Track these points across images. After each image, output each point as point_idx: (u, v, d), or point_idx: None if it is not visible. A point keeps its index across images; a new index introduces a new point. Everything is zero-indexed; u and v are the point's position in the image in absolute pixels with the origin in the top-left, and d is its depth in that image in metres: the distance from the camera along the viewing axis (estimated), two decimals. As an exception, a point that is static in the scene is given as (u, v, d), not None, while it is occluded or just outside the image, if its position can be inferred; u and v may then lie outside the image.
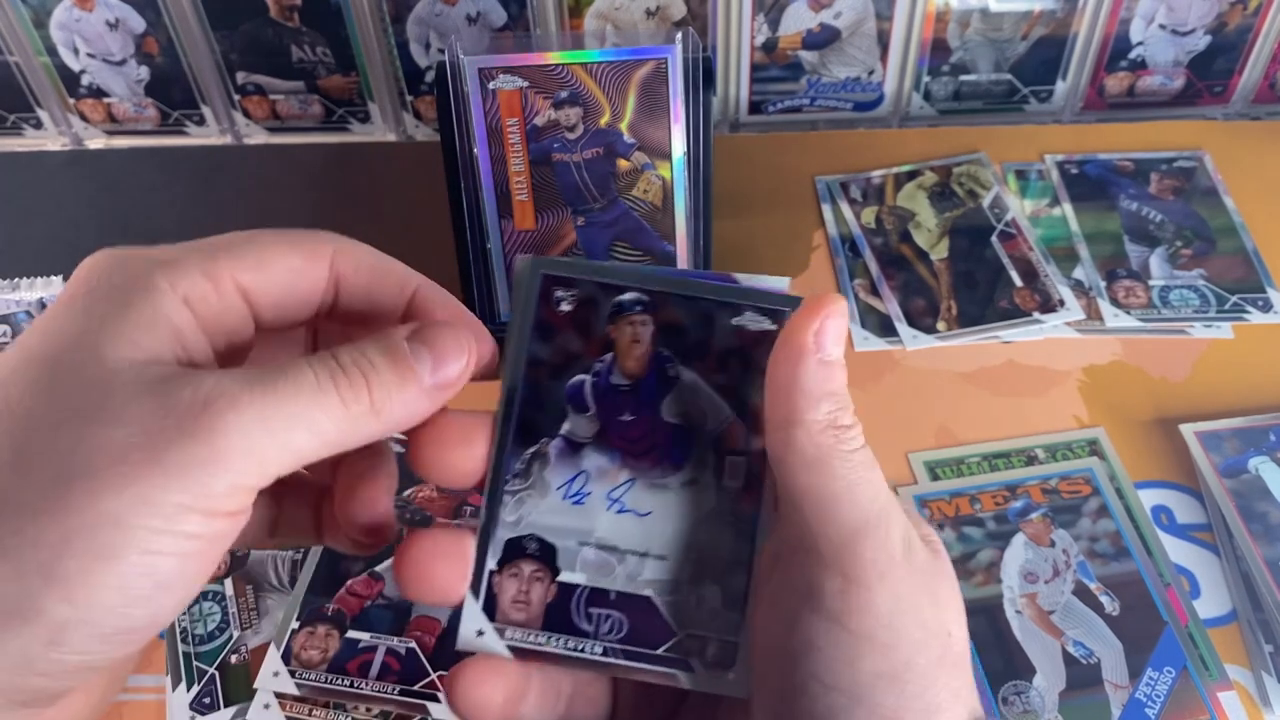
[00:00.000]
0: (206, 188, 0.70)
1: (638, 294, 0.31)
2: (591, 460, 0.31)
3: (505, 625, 0.30)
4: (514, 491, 0.31)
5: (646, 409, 0.31)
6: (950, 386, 0.57)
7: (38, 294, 0.56)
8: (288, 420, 0.25)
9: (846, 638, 0.26)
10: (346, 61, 0.70)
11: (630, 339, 0.31)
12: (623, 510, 0.31)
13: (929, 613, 0.27)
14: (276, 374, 0.25)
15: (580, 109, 0.49)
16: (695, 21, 0.69)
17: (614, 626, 0.30)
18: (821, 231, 0.65)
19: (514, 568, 0.31)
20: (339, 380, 0.26)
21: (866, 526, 0.27)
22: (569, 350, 0.31)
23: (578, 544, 0.31)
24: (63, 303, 0.25)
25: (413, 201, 0.67)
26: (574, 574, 0.31)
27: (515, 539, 0.31)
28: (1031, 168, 0.68)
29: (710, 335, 0.31)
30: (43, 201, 0.69)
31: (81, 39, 0.70)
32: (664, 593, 0.30)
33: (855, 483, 0.27)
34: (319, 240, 0.29)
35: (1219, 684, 0.45)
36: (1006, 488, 0.52)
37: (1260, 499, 0.50)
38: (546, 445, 0.31)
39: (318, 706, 0.45)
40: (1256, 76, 0.72)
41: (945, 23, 0.69)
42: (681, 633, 0.30)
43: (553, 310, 0.31)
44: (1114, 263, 0.62)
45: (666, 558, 0.31)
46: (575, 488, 0.31)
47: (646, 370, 0.31)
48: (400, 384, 0.27)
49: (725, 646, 0.30)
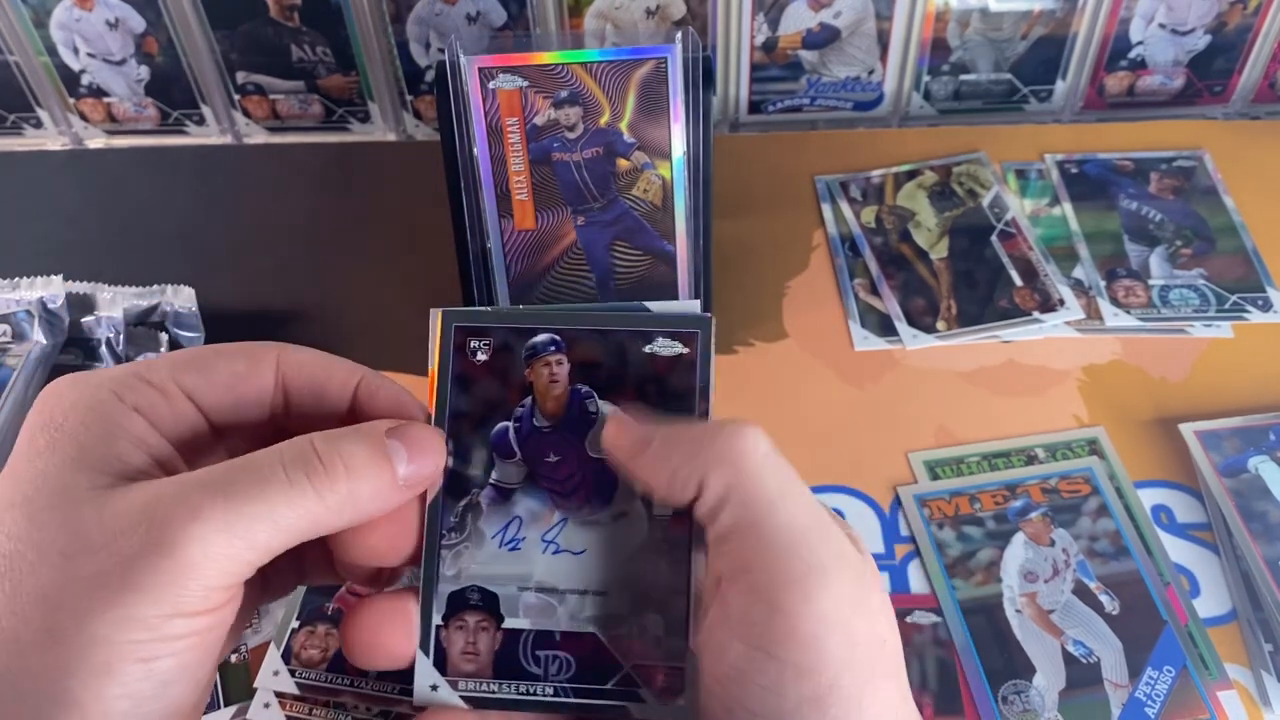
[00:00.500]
0: (206, 188, 0.70)
1: (550, 335, 0.32)
2: (523, 505, 0.31)
3: (457, 677, 0.31)
4: (451, 545, 0.31)
5: (570, 448, 0.32)
6: (950, 386, 0.57)
7: (38, 294, 0.56)
8: (251, 521, 0.26)
9: (773, 665, 0.27)
10: (346, 61, 0.70)
11: (548, 380, 0.32)
12: (558, 551, 0.31)
13: (860, 626, 0.27)
14: (241, 472, 0.26)
15: (580, 109, 0.49)
16: (695, 21, 0.69)
17: (562, 666, 0.31)
18: (821, 231, 0.65)
19: (459, 620, 0.31)
20: (313, 471, 0.27)
21: (791, 546, 0.27)
22: (490, 399, 0.32)
23: (518, 589, 0.31)
24: (26, 442, 0.27)
25: (413, 201, 0.67)
26: (518, 619, 0.31)
27: (457, 592, 0.31)
28: (1031, 167, 0.68)
29: (625, 366, 0.32)
30: (43, 201, 0.69)
31: (81, 39, 0.70)
32: (607, 628, 0.31)
33: (773, 501, 0.28)
34: (263, 347, 0.31)
35: (1219, 683, 0.45)
36: (1006, 487, 0.52)
37: (1260, 498, 0.50)
38: (478, 495, 0.31)
39: (318, 706, 0.45)
40: (1256, 76, 0.72)
41: (945, 22, 0.69)
42: (628, 665, 0.31)
43: (469, 361, 0.32)
44: (1114, 262, 0.62)
45: (606, 593, 0.31)
46: (510, 534, 0.31)
47: (566, 409, 0.32)
48: (377, 474, 0.28)
49: (672, 673, 0.31)
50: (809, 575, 0.27)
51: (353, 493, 0.27)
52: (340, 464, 0.27)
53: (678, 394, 0.31)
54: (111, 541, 0.25)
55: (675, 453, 0.29)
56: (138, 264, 0.64)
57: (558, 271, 0.52)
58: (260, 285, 0.63)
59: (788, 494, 0.28)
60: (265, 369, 0.30)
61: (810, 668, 0.26)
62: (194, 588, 0.25)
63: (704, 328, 0.31)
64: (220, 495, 0.26)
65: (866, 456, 0.54)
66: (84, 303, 0.56)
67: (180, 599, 0.25)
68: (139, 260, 0.65)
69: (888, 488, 0.52)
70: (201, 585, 0.25)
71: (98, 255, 0.65)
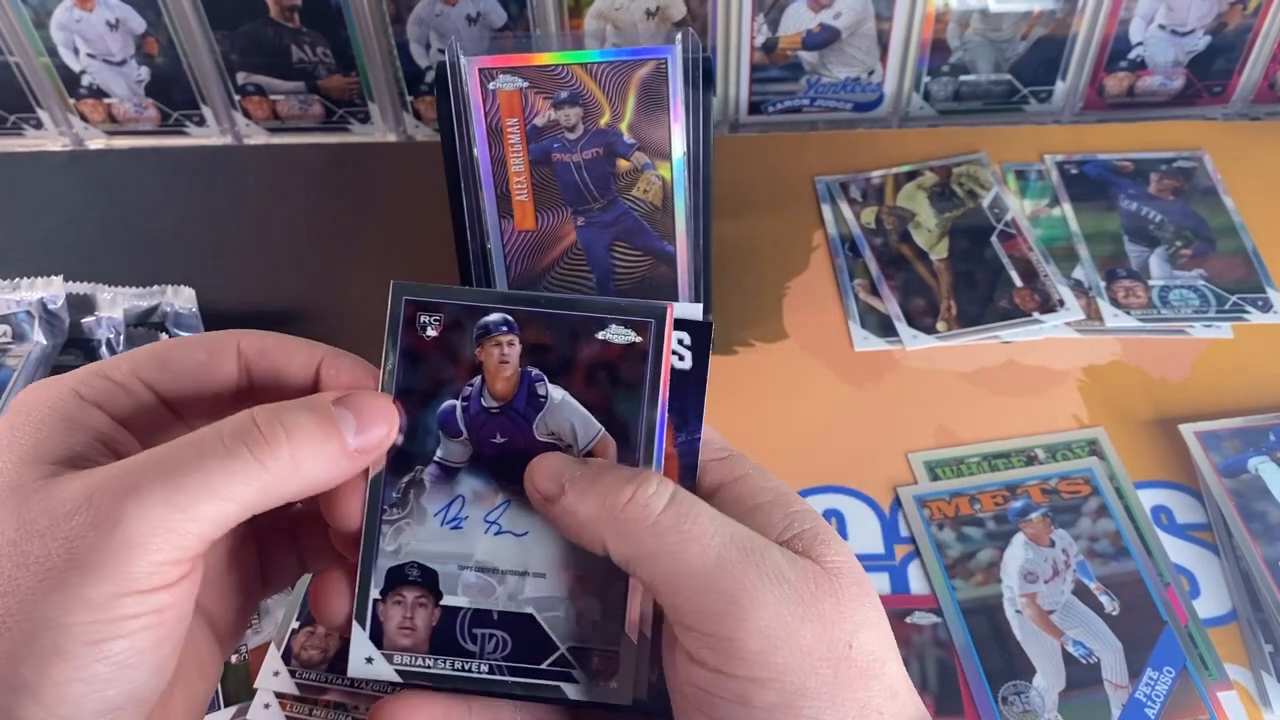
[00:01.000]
0: (206, 188, 0.70)
1: (503, 314, 0.31)
2: (467, 484, 0.31)
3: (393, 651, 0.31)
4: (392, 521, 0.31)
5: (518, 430, 0.31)
6: (950, 386, 0.57)
7: (38, 294, 0.56)
8: (192, 494, 0.26)
9: (732, 683, 0.27)
10: (346, 62, 0.70)
11: (498, 360, 0.31)
12: (500, 532, 0.31)
13: (809, 635, 0.27)
14: (182, 447, 0.27)
15: (580, 109, 0.49)
16: (695, 21, 0.69)
17: (498, 645, 0.31)
18: (821, 231, 0.65)
19: (397, 595, 0.31)
20: (253, 441, 0.27)
21: (709, 585, 0.27)
22: (438, 376, 0.31)
23: (458, 568, 0.31)
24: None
25: (413, 201, 0.67)
26: (456, 597, 0.31)
27: (397, 567, 0.31)
28: (1031, 168, 0.68)
29: (577, 351, 0.31)
30: (43, 201, 0.69)
31: (82, 39, 0.70)
32: (545, 609, 0.31)
33: (675, 550, 0.28)
34: (222, 335, 0.31)
35: (1219, 684, 0.45)
36: (1006, 488, 0.52)
37: (1260, 499, 0.50)
38: (421, 473, 0.31)
39: (318, 706, 0.45)
40: (1256, 76, 0.72)
41: (945, 23, 0.69)
42: (564, 646, 0.31)
43: (419, 336, 0.31)
44: (1114, 263, 0.62)
45: (545, 575, 0.31)
46: (452, 513, 0.31)
47: (515, 391, 0.31)
48: (323, 441, 0.28)
49: (607, 656, 0.31)
50: (735, 602, 0.27)
51: (297, 459, 0.27)
52: (281, 431, 0.27)
53: (628, 383, 0.31)
54: (55, 525, 0.25)
55: (580, 510, 0.29)
56: (138, 264, 0.64)
57: (558, 272, 0.52)
58: (260, 285, 0.63)
59: (691, 540, 0.28)
60: (226, 357, 0.31)
61: (769, 678, 0.27)
62: (140, 564, 0.25)
63: (658, 317, 0.31)
64: (158, 471, 0.26)
65: (866, 457, 0.54)
66: (84, 303, 0.56)
67: (127, 577, 0.25)
68: (139, 260, 0.65)
69: (888, 488, 0.52)
70: (148, 561, 0.25)
71: (98, 255, 0.65)
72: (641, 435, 0.31)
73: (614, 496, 0.29)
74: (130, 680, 0.26)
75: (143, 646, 0.26)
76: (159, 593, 0.26)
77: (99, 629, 0.25)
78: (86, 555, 0.25)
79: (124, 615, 0.25)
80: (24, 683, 0.24)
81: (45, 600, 0.24)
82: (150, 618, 0.26)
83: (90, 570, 0.25)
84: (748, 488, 0.31)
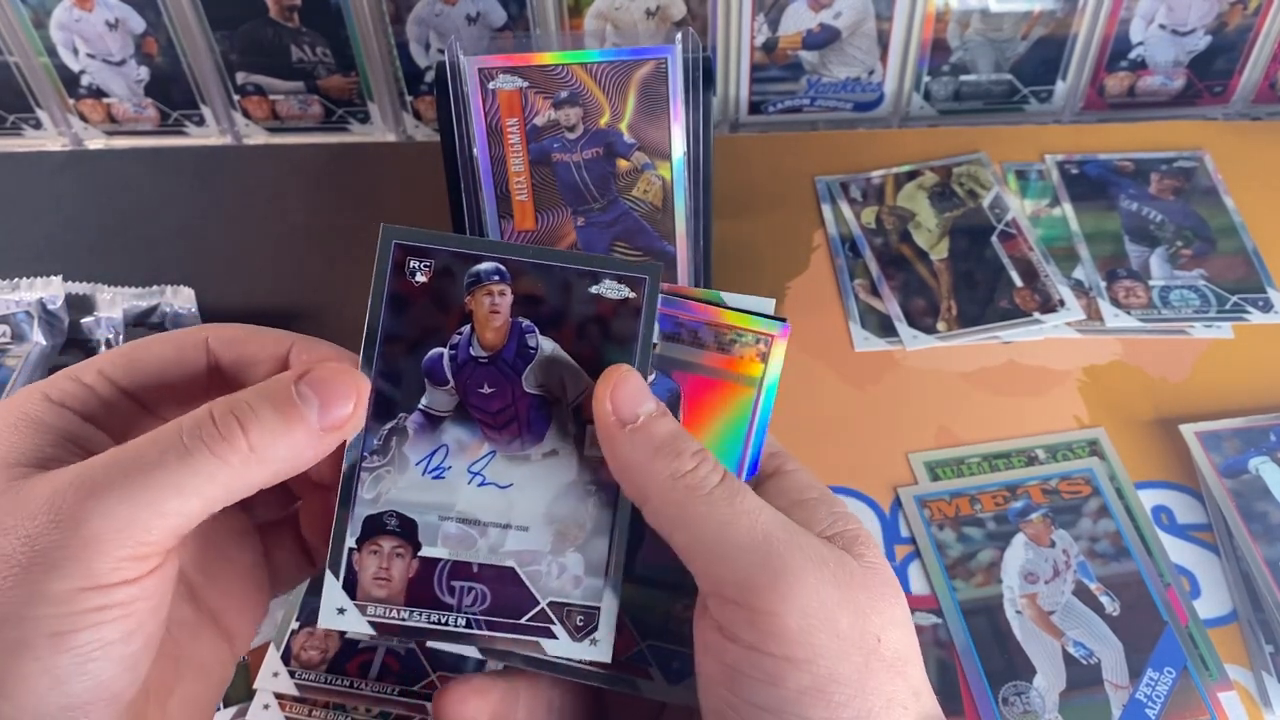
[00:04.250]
0: (206, 188, 0.70)
1: (495, 263, 0.31)
2: (451, 434, 0.31)
3: (367, 602, 0.31)
4: (372, 468, 0.31)
5: (506, 381, 0.31)
6: (950, 386, 0.56)
7: (37, 294, 0.56)
8: (154, 491, 0.26)
9: (767, 660, 0.27)
10: (346, 61, 0.70)
11: (489, 310, 0.31)
12: (484, 483, 0.31)
13: (845, 622, 0.27)
14: (144, 445, 0.27)
15: (580, 109, 0.49)
16: (695, 21, 0.69)
17: (477, 598, 0.31)
18: (821, 231, 0.65)
19: (373, 544, 0.31)
20: (208, 435, 0.27)
21: (754, 558, 0.28)
22: (425, 323, 0.31)
23: (439, 518, 0.31)
24: None
25: (413, 201, 0.67)
26: (436, 548, 0.31)
27: (374, 515, 0.31)
28: (1031, 168, 0.68)
29: (569, 304, 0.31)
30: (43, 201, 0.69)
31: (81, 39, 0.70)
32: (527, 563, 0.31)
33: (725, 522, 0.28)
34: (190, 331, 0.31)
35: (1219, 684, 0.45)
36: (1006, 488, 0.52)
37: (1260, 499, 0.50)
38: (404, 420, 0.31)
39: (317, 707, 0.45)
40: (1256, 76, 0.72)
41: (945, 23, 0.69)
42: (544, 601, 0.31)
43: (408, 282, 0.31)
44: (1114, 263, 0.62)
45: (529, 528, 0.31)
46: (435, 462, 0.31)
47: (506, 341, 0.31)
48: (285, 427, 0.28)
49: (588, 613, 0.31)
50: (781, 578, 0.27)
51: (258, 450, 0.27)
52: (235, 425, 0.27)
53: (620, 339, 0.31)
54: (19, 524, 0.25)
55: (639, 452, 0.29)
56: (138, 264, 0.64)
57: (558, 272, 0.52)
58: (260, 285, 0.63)
59: (741, 515, 0.28)
60: (194, 352, 0.31)
61: (804, 659, 0.27)
62: (103, 561, 0.25)
63: (652, 275, 0.31)
64: (119, 469, 0.26)
65: (867, 457, 0.54)
66: (84, 303, 0.56)
67: (90, 572, 0.25)
68: (139, 260, 0.65)
69: (888, 489, 0.52)
70: (111, 558, 0.25)
71: (98, 255, 0.65)
72: None
73: (680, 460, 0.29)
74: (96, 673, 0.26)
75: (108, 639, 0.26)
76: (123, 587, 0.26)
77: (61, 621, 0.25)
78: (50, 552, 0.25)
79: (86, 608, 0.25)
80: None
81: (7, 595, 0.25)
82: (115, 610, 0.26)
83: (53, 566, 0.25)
84: (794, 483, 0.32)
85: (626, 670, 0.32)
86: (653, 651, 0.32)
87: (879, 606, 0.28)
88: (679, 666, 0.32)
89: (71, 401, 0.29)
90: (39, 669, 0.25)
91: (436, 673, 0.46)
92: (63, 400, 0.29)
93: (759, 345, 0.31)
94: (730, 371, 0.32)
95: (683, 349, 0.32)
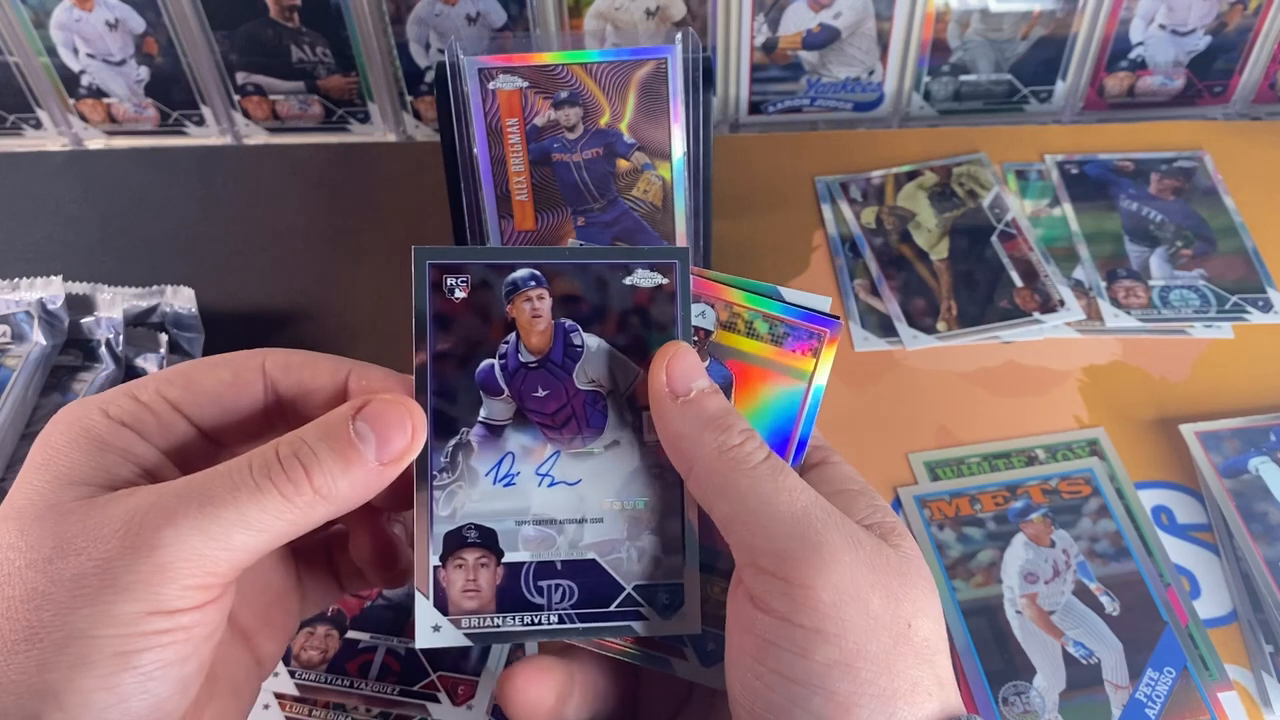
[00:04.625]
0: (206, 188, 0.70)
1: (530, 269, 0.32)
2: (514, 441, 0.32)
3: (460, 615, 0.31)
4: (443, 485, 0.31)
5: (558, 381, 0.32)
6: (950, 386, 0.57)
7: (37, 294, 0.56)
8: (225, 525, 0.27)
9: (798, 632, 0.28)
10: (346, 62, 0.70)
11: (530, 315, 0.32)
12: (553, 483, 0.32)
13: (877, 602, 0.28)
14: (216, 478, 0.27)
15: (580, 109, 0.49)
16: (695, 21, 0.69)
17: (565, 594, 0.31)
18: (821, 232, 0.65)
19: (457, 559, 0.31)
20: (276, 476, 0.27)
21: (793, 531, 0.28)
22: (472, 337, 0.32)
23: (516, 523, 0.31)
24: (28, 461, 0.29)
25: (413, 201, 0.67)
26: (518, 553, 0.31)
27: (453, 531, 0.31)
28: (1031, 168, 0.68)
29: (607, 298, 0.32)
30: (43, 202, 0.69)
31: (81, 39, 0.70)
32: (607, 553, 0.32)
33: (767, 495, 0.29)
34: (248, 355, 0.32)
35: (1219, 684, 0.45)
36: (1006, 488, 0.52)
37: (1260, 499, 0.50)
38: (467, 434, 0.32)
39: (317, 707, 0.45)
40: (1256, 76, 0.72)
41: (945, 23, 0.69)
42: (629, 586, 0.32)
43: (447, 300, 0.32)
44: (1114, 263, 0.62)
45: (603, 519, 0.32)
46: (503, 470, 0.32)
47: (551, 343, 0.32)
48: (345, 466, 0.28)
49: (672, 590, 0.32)
50: (818, 552, 0.28)
51: (321, 491, 0.28)
52: (299, 467, 0.28)
53: (660, 325, 0.32)
54: (92, 545, 0.26)
55: (690, 424, 0.30)
56: (138, 264, 0.64)
57: (558, 272, 0.52)
58: (260, 285, 0.63)
59: (783, 490, 0.29)
60: (251, 376, 0.31)
61: (834, 633, 0.27)
62: (171, 587, 0.26)
63: (681, 258, 0.32)
64: (194, 501, 0.27)
65: (866, 457, 0.54)
66: (84, 303, 0.56)
67: (158, 597, 0.26)
68: (139, 260, 0.65)
69: (888, 488, 0.52)
70: (179, 585, 0.26)
71: (98, 255, 0.65)
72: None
73: (727, 434, 0.30)
74: (155, 693, 0.26)
75: (168, 660, 0.26)
76: (187, 613, 0.27)
77: (126, 642, 0.26)
78: (121, 576, 0.26)
79: (151, 631, 0.26)
80: (50, 689, 0.25)
81: (77, 614, 0.25)
82: (177, 634, 0.27)
83: (122, 590, 0.26)
84: (838, 474, 0.32)
85: (662, 650, 0.33)
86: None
87: (911, 594, 0.29)
88: (714, 649, 0.32)
89: (129, 419, 0.30)
90: (100, 685, 0.25)
91: (436, 673, 0.46)
92: (121, 418, 0.30)
93: (811, 340, 0.33)
94: (782, 363, 0.33)
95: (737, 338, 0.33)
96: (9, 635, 0.26)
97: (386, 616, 0.48)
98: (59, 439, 0.29)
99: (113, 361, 0.54)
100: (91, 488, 0.28)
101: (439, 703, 0.45)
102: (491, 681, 0.45)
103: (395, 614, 0.48)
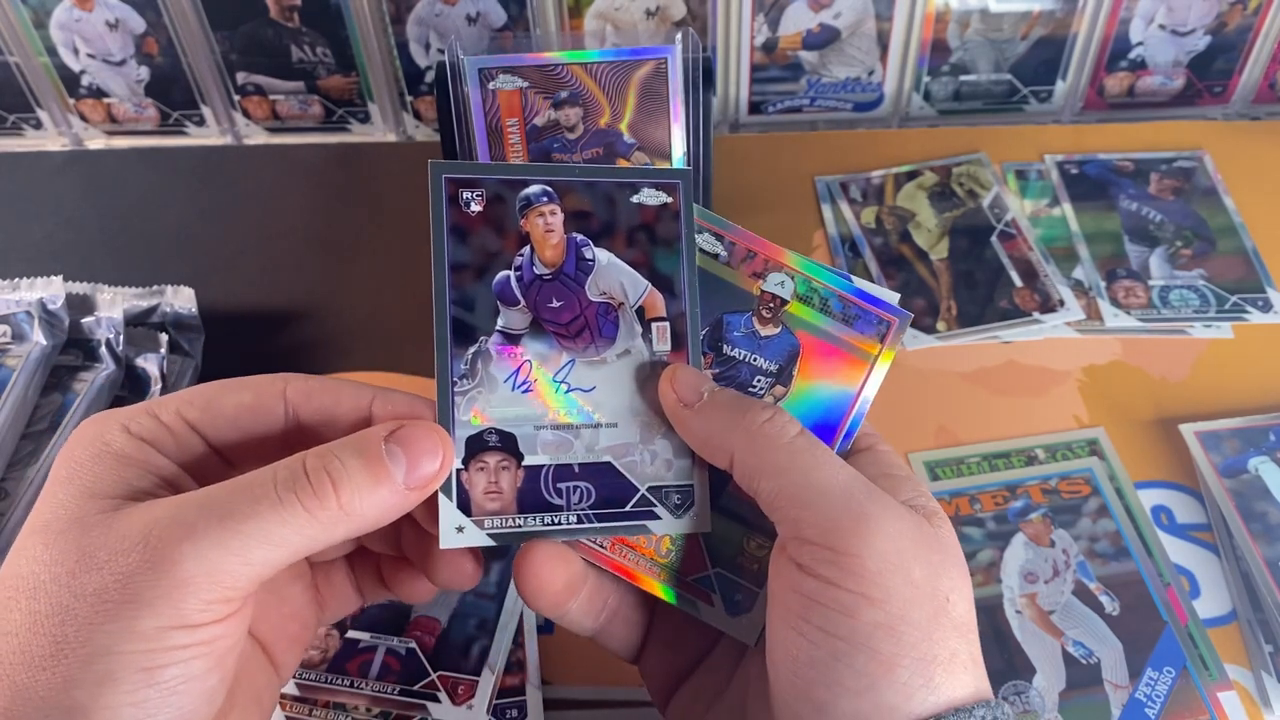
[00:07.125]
0: (206, 188, 0.70)
1: (542, 185, 0.33)
2: (531, 349, 0.33)
3: (483, 516, 0.32)
4: (464, 392, 0.32)
5: (571, 293, 0.33)
6: (950, 386, 0.57)
7: (38, 294, 0.56)
8: (245, 539, 0.27)
9: (845, 595, 0.28)
10: (346, 62, 0.70)
11: (544, 229, 0.33)
12: (570, 389, 0.33)
13: (919, 573, 0.29)
14: (237, 491, 0.27)
15: (580, 109, 0.49)
16: (695, 21, 0.69)
17: (583, 495, 0.33)
18: (821, 231, 0.65)
19: (479, 462, 0.32)
20: (301, 490, 0.28)
21: (836, 502, 0.29)
22: (488, 248, 0.33)
23: (534, 428, 0.33)
24: (52, 475, 0.29)
25: (413, 201, 0.67)
26: (537, 456, 0.33)
27: (475, 435, 0.32)
28: (1031, 168, 0.68)
29: (615, 215, 0.33)
30: (43, 201, 0.69)
31: (81, 39, 0.70)
32: (621, 455, 0.33)
33: (807, 469, 0.30)
34: (269, 380, 0.32)
35: (1219, 684, 0.45)
36: (1006, 488, 0.52)
37: (1260, 499, 0.50)
38: (485, 343, 0.33)
39: (318, 706, 0.45)
40: (1256, 76, 0.72)
41: (945, 23, 0.69)
42: (643, 487, 0.33)
43: (463, 213, 0.33)
44: (1114, 263, 0.62)
45: (617, 424, 0.33)
46: (521, 377, 0.33)
47: (564, 256, 0.33)
48: (373, 485, 0.29)
49: (683, 491, 0.33)
50: (864, 522, 0.29)
51: (346, 508, 0.28)
52: (328, 482, 0.28)
53: (666, 240, 0.33)
54: (113, 559, 0.26)
55: (713, 421, 0.31)
56: (138, 264, 0.64)
57: (558, 272, 0.52)
58: (260, 285, 0.63)
59: (823, 464, 0.30)
60: (272, 402, 0.31)
61: (879, 598, 0.28)
62: (192, 602, 0.26)
63: (685, 179, 0.34)
64: (215, 514, 0.27)
65: (866, 457, 0.54)
66: (84, 303, 0.56)
67: (179, 612, 0.26)
68: (139, 260, 0.65)
69: (888, 488, 0.52)
70: (199, 600, 0.26)
71: (98, 255, 0.65)
72: (685, 287, 0.33)
73: (752, 414, 0.31)
74: (179, 705, 0.26)
75: (192, 674, 0.27)
76: (209, 627, 0.27)
77: (150, 657, 0.26)
78: (142, 590, 0.26)
79: (174, 645, 0.26)
80: (78, 706, 0.25)
81: (101, 630, 0.26)
82: (200, 648, 0.27)
83: (144, 605, 0.26)
84: (885, 460, 0.33)
85: (692, 591, 0.34)
86: (719, 579, 0.34)
87: (951, 571, 0.30)
88: (740, 599, 0.34)
89: (150, 437, 0.30)
90: (127, 700, 0.26)
91: (436, 672, 0.46)
92: (141, 434, 0.30)
93: (880, 326, 0.34)
94: (849, 342, 0.34)
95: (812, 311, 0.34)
96: (36, 651, 0.26)
97: (386, 616, 0.48)
98: (82, 454, 0.29)
99: (113, 361, 0.54)
100: (114, 500, 0.28)
101: (439, 702, 0.45)
102: (492, 680, 0.45)
103: (395, 614, 0.48)
